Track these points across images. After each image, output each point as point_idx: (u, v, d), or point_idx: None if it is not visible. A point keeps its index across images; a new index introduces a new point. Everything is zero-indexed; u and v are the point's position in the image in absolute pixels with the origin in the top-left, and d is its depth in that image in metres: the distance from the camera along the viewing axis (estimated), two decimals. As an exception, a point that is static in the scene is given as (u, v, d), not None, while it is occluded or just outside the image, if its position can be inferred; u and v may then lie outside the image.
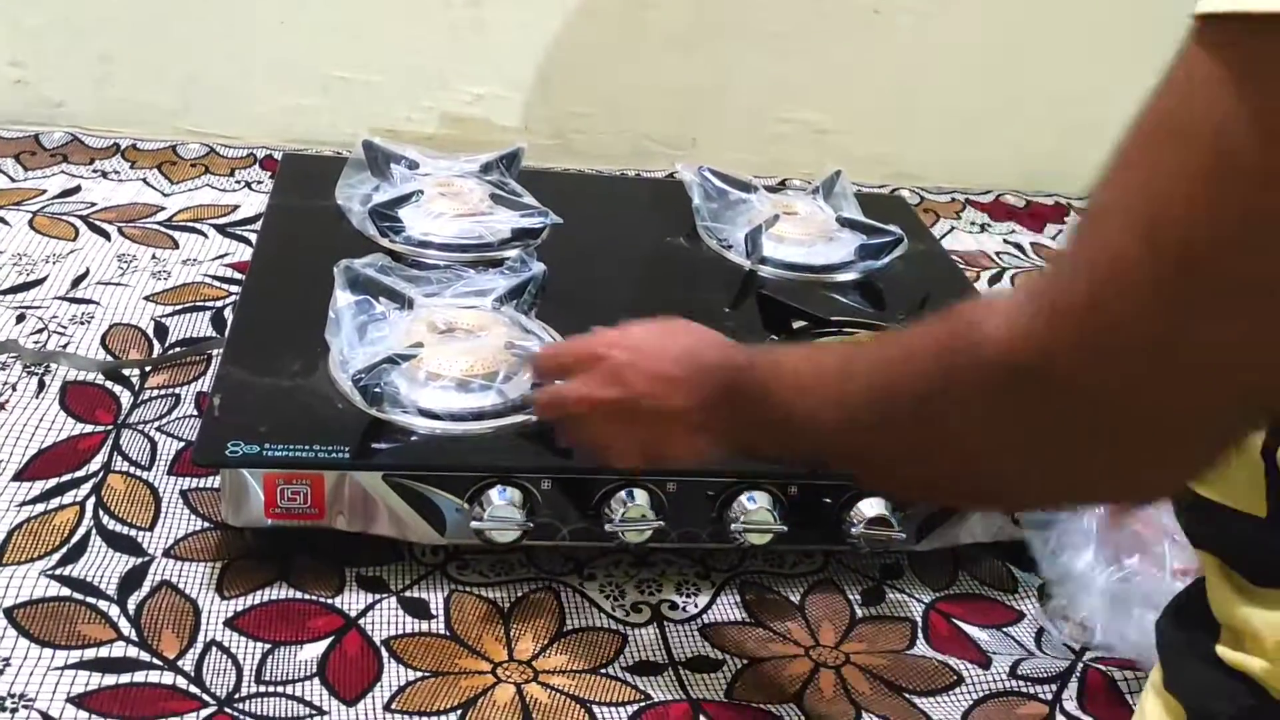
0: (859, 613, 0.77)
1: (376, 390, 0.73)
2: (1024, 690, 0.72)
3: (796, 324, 0.89)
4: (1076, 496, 0.52)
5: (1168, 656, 0.56)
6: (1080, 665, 0.74)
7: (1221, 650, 0.50)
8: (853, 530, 0.75)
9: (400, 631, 0.70)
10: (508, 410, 0.75)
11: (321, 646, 0.68)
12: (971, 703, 0.71)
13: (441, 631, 0.71)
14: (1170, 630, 0.57)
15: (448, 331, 0.80)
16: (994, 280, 1.24)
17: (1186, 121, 0.37)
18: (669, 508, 0.73)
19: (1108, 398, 0.40)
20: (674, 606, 0.76)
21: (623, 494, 0.72)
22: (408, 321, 0.80)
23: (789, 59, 1.35)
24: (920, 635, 0.76)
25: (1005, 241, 1.33)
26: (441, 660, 0.69)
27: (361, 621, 0.70)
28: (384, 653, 0.68)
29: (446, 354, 0.77)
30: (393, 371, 0.75)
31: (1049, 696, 0.72)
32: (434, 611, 0.72)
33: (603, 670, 0.70)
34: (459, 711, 0.65)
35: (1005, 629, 0.78)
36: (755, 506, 0.73)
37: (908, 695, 0.71)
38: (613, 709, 0.67)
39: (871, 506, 0.75)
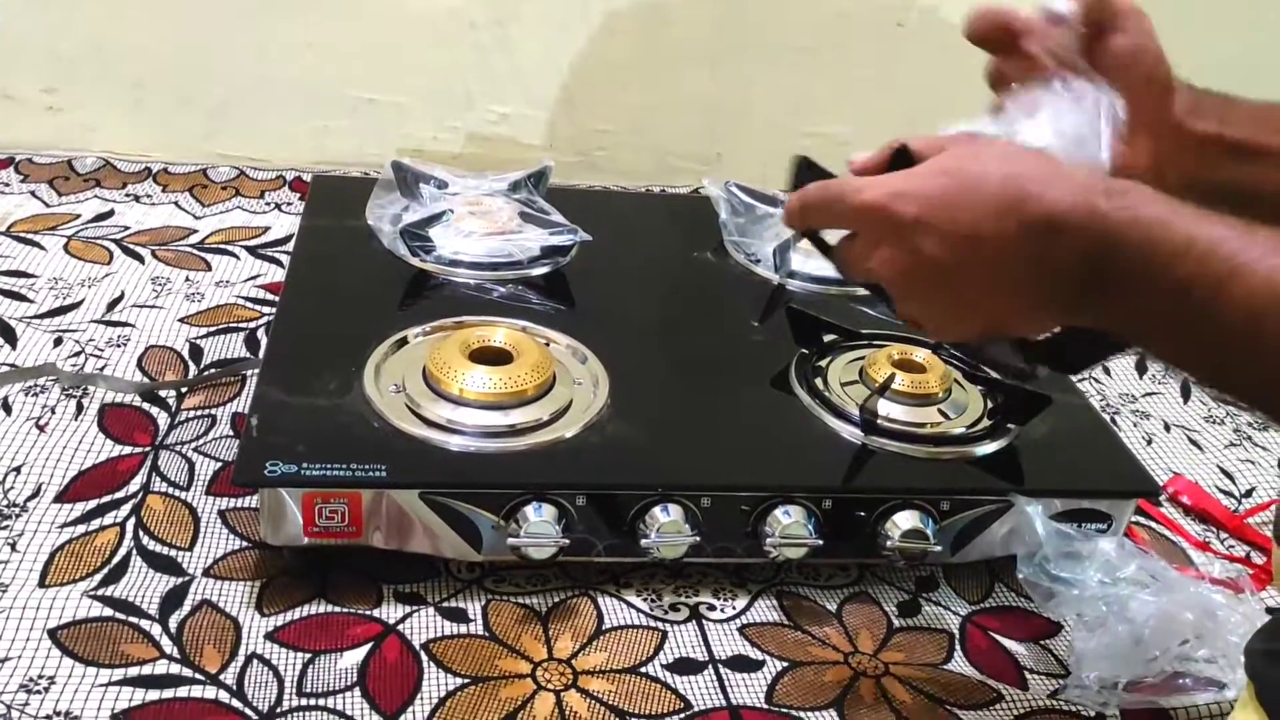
0: (896, 623, 0.77)
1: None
2: (1066, 709, 0.72)
3: (828, 337, 0.89)
4: None
5: (1274, 705, 0.53)
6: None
7: None
8: (888, 543, 0.75)
9: (439, 635, 0.71)
10: (542, 426, 0.76)
11: (361, 653, 0.69)
12: (1013, 718, 0.71)
13: (480, 633, 0.71)
14: (1269, 672, 0.54)
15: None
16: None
17: None
18: (704, 522, 0.73)
19: None
20: (712, 608, 0.76)
21: (657, 509, 0.73)
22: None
23: (812, 72, 1.36)
24: (958, 648, 0.76)
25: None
26: (481, 663, 0.69)
27: (400, 627, 0.71)
28: (423, 657, 0.69)
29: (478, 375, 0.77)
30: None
31: (1092, 715, 0.71)
32: (472, 616, 0.73)
33: (642, 669, 0.70)
34: (499, 728, 0.65)
35: (1043, 642, 0.77)
36: (790, 520, 0.74)
37: (948, 706, 0.71)
38: (652, 723, 0.67)
39: (907, 519, 0.75)
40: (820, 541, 0.74)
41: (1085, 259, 0.43)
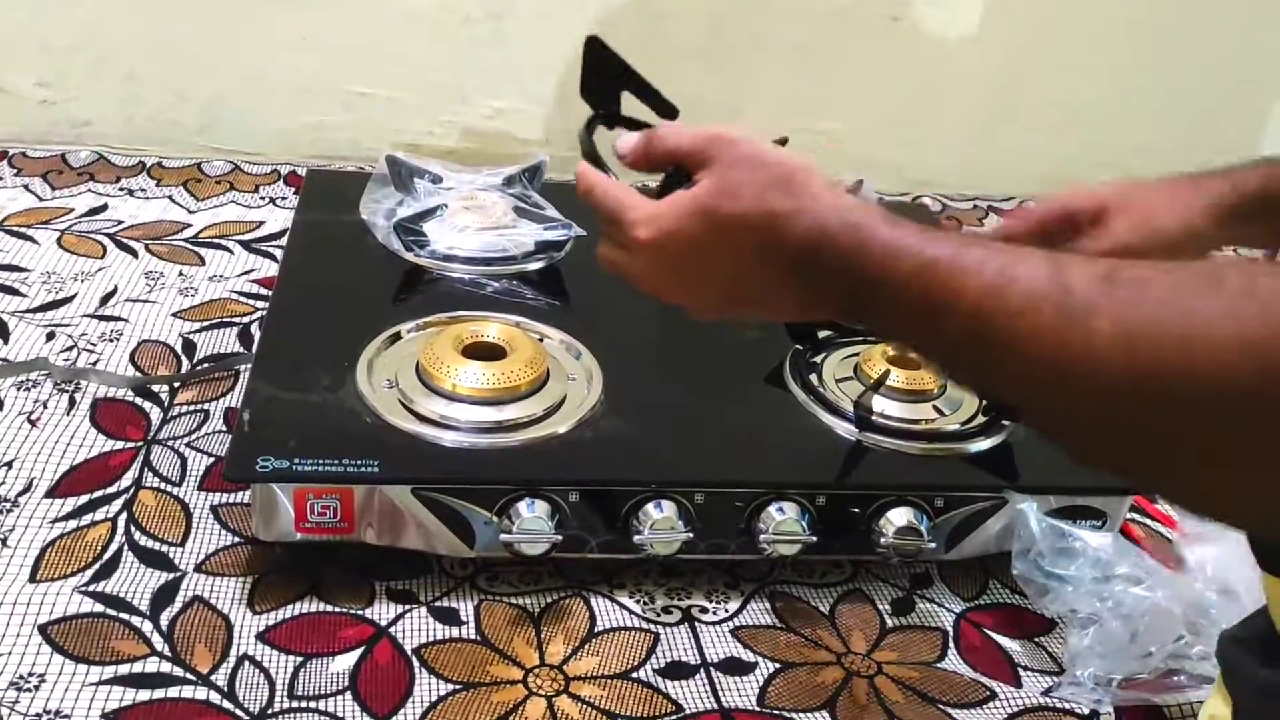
0: (889, 622, 0.77)
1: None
2: (1059, 706, 0.72)
3: (822, 334, 0.89)
4: None
5: (1240, 694, 0.54)
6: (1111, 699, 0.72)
7: None
8: (882, 540, 0.75)
9: (431, 639, 0.70)
10: (535, 421, 0.76)
11: (353, 658, 0.68)
12: (1006, 716, 0.71)
13: (472, 637, 0.71)
14: (1237, 661, 0.55)
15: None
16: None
17: None
18: (697, 519, 0.73)
19: None
20: (704, 610, 0.76)
21: (651, 506, 0.72)
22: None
23: (807, 69, 1.36)
24: (952, 645, 0.76)
25: (1028, 248, 1.32)
26: (473, 668, 0.69)
27: (392, 630, 0.71)
28: (415, 662, 0.69)
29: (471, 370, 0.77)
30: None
31: (1085, 712, 0.71)
32: (464, 618, 0.72)
33: (633, 675, 0.70)
34: (490, 729, 0.65)
35: (1037, 639, 0.77)
36: (784, 517, 0.73)
37: (941, 705, 0.70)
38: (644, 723, 0.67)
39: (901, 516, 0.75)
40: (814, 538, 0.73)
41: (837, 286, 0.48)
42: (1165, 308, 0.37)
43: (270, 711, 0.64)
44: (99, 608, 0.70)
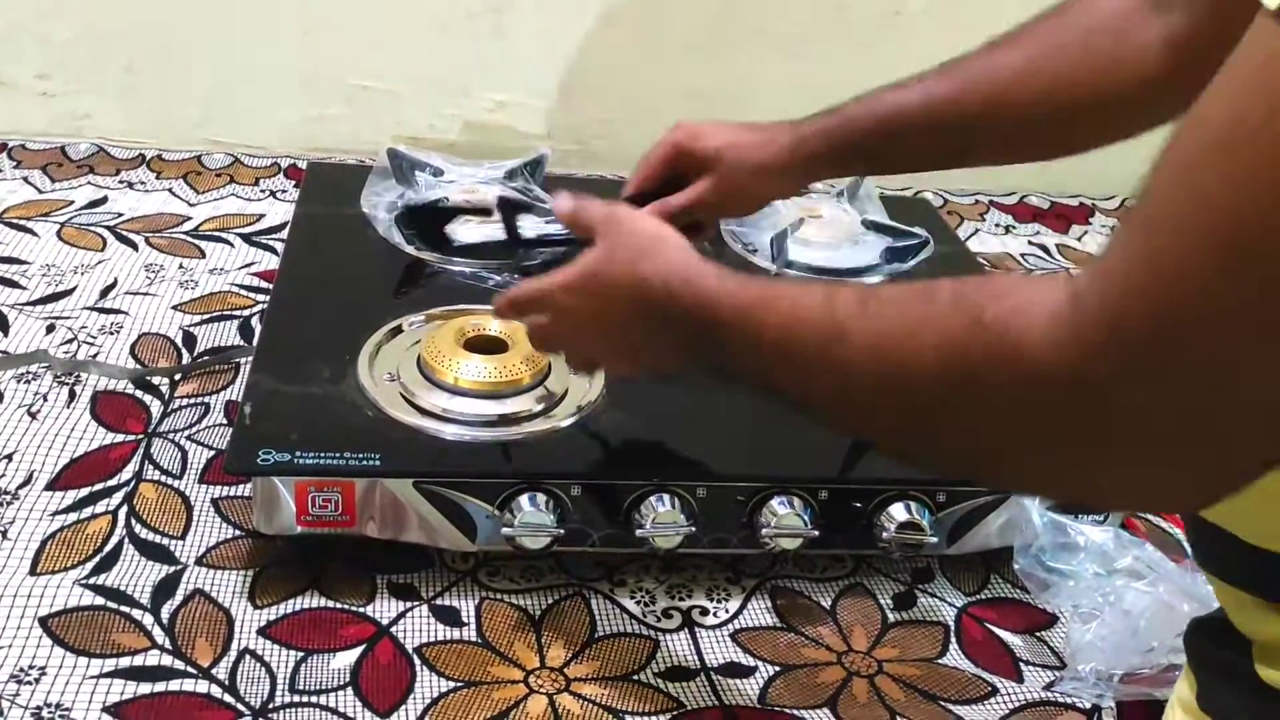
0: (891, 617, 0.77)
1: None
2: (1061, 701, 0.72)
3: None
4: (1084, 495, 0.50)
5: (1202, 675, 0.55)
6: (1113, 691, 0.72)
7: (1262, 671, 0.49)
8: (884, 534, 0.75)
9: (432, 639, 0.70)
10: (537, 415, 0.76)
11: (354, 655, 0.68)
12: (1008, 710, 0.71)
13: (473, 639, 0.71)
14: (1201, 644, 0.56)
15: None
16: (1019, 282, 1.23)
17: (1269, 120, 0.33)
18: (699, 513, 0.73)
19: (1157, 418, 0.37)
20: (705, 612, 0.75)
21: (653, 499, 0.72)
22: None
23: (810, 61, 1.35)
24: (953, 640, 0.76)
25: (1030, 243, 1.32)
26: (474, 668, 0.69)
27: (393, 629, 0.70)
28: (416, 660, 0.68)
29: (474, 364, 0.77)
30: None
31: (1087, 706, 0.71)
32: (465, 619, 0.72)
33: (634, 677, 0.70)
34: (492, 723, 0.65)
35: (1039, 634, 0.77)
36: (786, 511, 0.73)
37: (942, 702, 0.70)
38: (645, 719, 0.67)
39: (903, 511, 0.74)
40: (816, 533, 0.73)
41: (685, 332, 0.57)
42: (894, 321, 0.45)
43: (271, 705, 0.64)
44: (100, 600, 0.69)
